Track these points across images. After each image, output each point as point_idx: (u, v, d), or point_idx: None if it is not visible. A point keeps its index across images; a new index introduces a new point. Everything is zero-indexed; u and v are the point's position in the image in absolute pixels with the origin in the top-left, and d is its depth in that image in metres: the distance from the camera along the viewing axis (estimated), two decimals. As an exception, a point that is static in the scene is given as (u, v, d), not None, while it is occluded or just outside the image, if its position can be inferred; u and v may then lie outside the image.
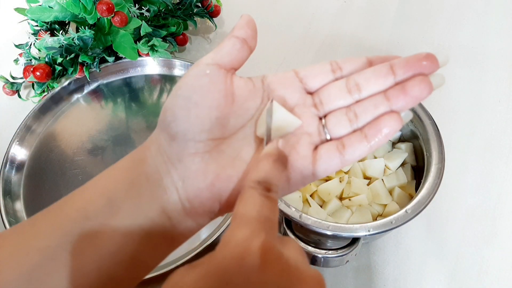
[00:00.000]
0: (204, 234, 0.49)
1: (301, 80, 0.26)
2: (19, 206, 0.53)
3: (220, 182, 0.24)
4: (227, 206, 0.25)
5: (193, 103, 0.23)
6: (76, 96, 0.63)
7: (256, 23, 0.26)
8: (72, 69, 0.60)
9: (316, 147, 0.25)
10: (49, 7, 0.58)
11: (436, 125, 0.45)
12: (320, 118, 0.26)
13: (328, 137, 0.25)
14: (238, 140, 0.25)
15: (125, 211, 0.24)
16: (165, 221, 0.24)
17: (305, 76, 0.26)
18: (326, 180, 0.47)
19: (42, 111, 0.60)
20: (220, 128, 0.24)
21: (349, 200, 0.45)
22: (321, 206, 0.45)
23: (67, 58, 0.58)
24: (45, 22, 0.61)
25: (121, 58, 0.63)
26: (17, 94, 0.63)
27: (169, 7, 0.64)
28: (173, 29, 0.64)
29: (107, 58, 0.61)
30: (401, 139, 0.50)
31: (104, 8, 0.55)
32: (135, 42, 0.60)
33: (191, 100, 0.23)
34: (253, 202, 0.20)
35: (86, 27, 0.58)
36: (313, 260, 0.39)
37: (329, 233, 0.38)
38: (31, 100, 0.62)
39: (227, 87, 0.24)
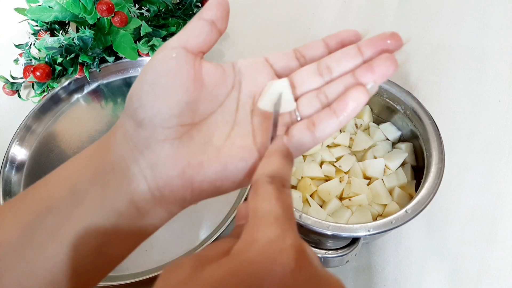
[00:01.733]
0: (204, 234, 0.49)
1: (272, 66, 0.26)
2: (19, 206, 0.53)
3: (191, 169, 0.23)
4: (199, 193, 0.24)
5: (161, 88, 0.22)
6: (76, 96, 0.63)
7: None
8: (72, 69, 0.60)
9: (287, 129, 0.25)
10: (49, 7, 0.58)
11: (436, 125, 0.45)
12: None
13: (299, 118, 0.25)
14: (209, 125, 0.24)
15: (89, 202, 0.23)
16: (133, 211, 0.23)
17: (274, 62, 0.26)
18: (326, 180, 0.47)
19: (42, 111, 0.60)
20: (190, 114, 0.23)
21: (349, 200, 0.45)
22: (321, 206, 0.45)
23: (67, 58, 0.58)
24: (45, 22, 0.61)
25: (121, 58, 0.63)
26: (17, 94, 0.63)
27: (169, 7, 0.64)
28: (173, 29, 0.64)
29: (107, 58, 0.61)
30: (401, 139, 0.50)
31: (104, 8, 0.55)
32: (135, 42, 0.60)
33: (157, 84, 0.22)
34: (275, 198, 0.19)
35: (86, 27, 0.58)
36: (313, 260, 0.39)
37: (329, 233, 0.38)
38: (31, 100, 0.62)
39: (195, 71, 0.23)
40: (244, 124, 0.25)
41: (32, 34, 0.62)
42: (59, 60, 0.59)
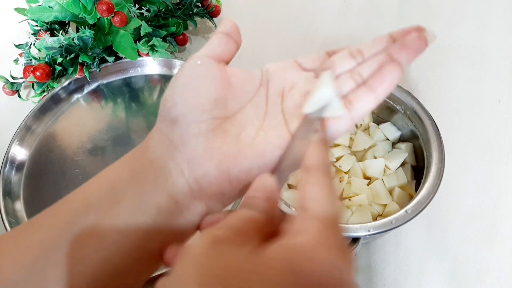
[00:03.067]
0: (204, 234, 0.49)
1: (300, 65, 0.27)
2: (19, 206, 0.53)
3: (227, 159, 0.24)
4: (237, 184, 0.24)
5: (191, 88, 0.24)
6: (76, 96, 0.63)
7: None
8: (72, 69, 0.60)
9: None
10: (49, 7, 0.58)
11: (436, 125, 0.45)
12: None
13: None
14: (241, 118, 0.25)
15: (129, 199, 0.23)
16: (172, 206, 0.24)
17: (303, 62, 0.27)
18: (326, 180, 0.47)
19: (42, 111, 0.60)
20: (221, 108, 0.25)
21: (349, 200, 0.45)
22: (321, 206, 0.45)
23: (67, 58, 0.58)
24: (45, 22, 0.61)
25: (121, 58, 0.63)
26: (17, 94, 0.63)
27: (169, 7, 0.64)
28: (173, 29, 0.64)
29: (107, 58, 0.61)
30: (401, 139, 0.50)
31: (104, 8, 0.55)
32: (135, 42, 0.60)
33: (188, 86, 0.24)
34: (331, 190, 0.21)
35: (86, 27, 0.58)
36: (313, 260, 0.39)
37: (329, 233, 0.38)
38: (31, 100, 0.62)
39: (221, 73, 0.25)
40: (276, 115, 0.26)
41: (32, 34, 0.62)
42: (59, 60, 0.59)
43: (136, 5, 0.61)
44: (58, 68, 0.59)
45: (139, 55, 0.61)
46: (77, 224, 0.23)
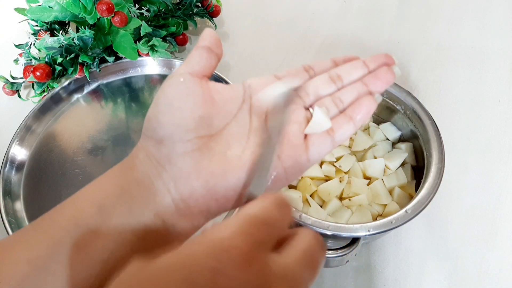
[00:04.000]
0: (204, 234, 0.49)
1: (280, 79, 0.28)
2: (19, 206, 0.53)
3: (214, 178, 0.24)
4: (225, 202, 0.25)
5: (175, 108, 0.24)
6: (76, 96, 0.63)
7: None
8: (72, 69, 0.60)
9: (306, 135, 0.27)
10: (49, 7, 0.58)
11: (436, 125, 0.45)
12: (307, 108, 0.28)
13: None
14: (226, 136, 0.26)
15: (117, 217, 0.24)
16: (159, 224, 0.24)
17: (283, 76, 0.28)
18: (326, 180, 0.47)
19: (42, 111, 0.60)
20: (206, 127, 0.25)
21: (349, 200, 0.45)
22: (321, 206, 0.45)
23: (67, 58, 0.58)
24: (45, 22, 0.61)
25: (121, 58, 0.63)
26: (17, 94, 0.63)
27: (169, 7, 0.64)
28: (173, 29, 0.64)
29: (107, 58, 0.61)
30: (401, 139, 0.50)
31: (104, 8, 0.55)
32: (135, 42, 0.60)
33: (172, 105, 0.24)
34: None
35: (86, 27, 0.58)
36: (313, 260, 0.39)
37: (329, 233, 0.38)
38: (31, 100, 0.62)
39: (204, 90, 0.25)
40: (260, 133, 0.26)
41: (32, 34, 0.62)
42: (59, 60, 0.59)
43: (136, 5, 0.61)
44: (58, 68, 0.59)
45: (139, 55, 0.61)
46: (65, 243, 0.23)
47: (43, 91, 0.61)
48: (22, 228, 0.24)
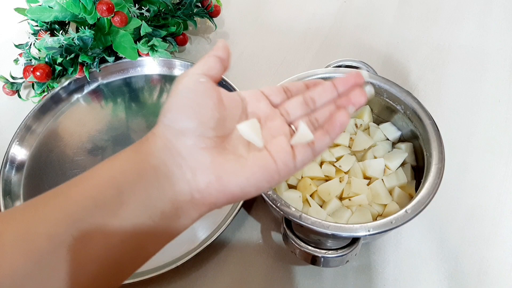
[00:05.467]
0: (203, 235, 0.49)
1: (267, 97, 0.32)
2: (19, 206, 0.53)
3: (227, 174, 0.26)
4: (230, 197, 0.27)
5: (196, 104, 0.26)
6: (76, 96, 0.63)
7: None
8: (72, 69, 0.60)
9: (293, 147, 0.30)
10: (49, 7, 0.58)
11: (436, 125, 0.45)
12: (289, 124, 0.31)
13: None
14: (234, 139, 0.28)
15: (135, 202, 0.25)
16: (173, 211, 0.26)
17: (268, 95, 0.32)
18: (326, 180, 0.47)
19: (42, 111, 0.60)
20: (221, 128, 0.27)
21: (349, 200, 0.45)
22: (321, 206, 0.45)
23: (67, 58, 0.58)
24: (45, 22, 0.61)
25: (121, 58, 0.63)
26: (17, 94, 0.63)
27: (169, 7, 0.64)
28: (173, 29, 0.64)
29: (107, 58, 0.61)
30: (401, 139, 0.50)
31: (104, 8, 0.55)
32: (135, 42, 0.60)
33: (193, 100, 0.26)
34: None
35: (86, 27, 0.58)
36: (313, 260, 0.39)
37: (329, 233, 0.38)
38: (31, 100, 0.62)
39: (218, 94, 0.28)
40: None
41: (32, 34, 0.62)
42: (59, 60, 0.59)
43: (136, 5, 0.61)
44: (58, 68, 0.59)
45: (139, 55, 0.61)
46: (86, 223, 0.23)
47: (43, 91, 0.61)
48: (31, 201, 0.24)
